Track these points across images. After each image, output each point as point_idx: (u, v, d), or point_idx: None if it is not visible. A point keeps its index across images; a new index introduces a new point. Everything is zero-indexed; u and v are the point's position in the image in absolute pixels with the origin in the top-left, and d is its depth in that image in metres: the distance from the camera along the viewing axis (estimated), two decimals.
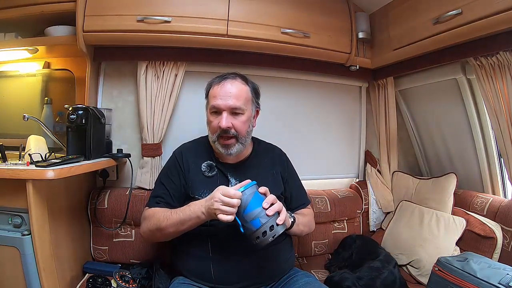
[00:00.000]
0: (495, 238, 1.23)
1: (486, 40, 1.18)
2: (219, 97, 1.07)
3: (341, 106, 1.87)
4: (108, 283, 1.18)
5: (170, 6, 1.34)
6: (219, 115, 1.07)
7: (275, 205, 0.91)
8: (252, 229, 0.89)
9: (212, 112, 1.09)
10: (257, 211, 0.89)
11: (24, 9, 1.31)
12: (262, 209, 0.89)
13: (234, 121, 1.07)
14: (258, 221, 0.88)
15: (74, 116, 1.16)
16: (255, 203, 0.90)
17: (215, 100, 1.07)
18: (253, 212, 0.89)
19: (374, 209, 1.76)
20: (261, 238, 0.88)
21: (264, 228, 0.88)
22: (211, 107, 1.08)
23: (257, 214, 0.89)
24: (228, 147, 1.08)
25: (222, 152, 1.09)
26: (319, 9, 1.53)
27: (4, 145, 1.16)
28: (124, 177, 1.52)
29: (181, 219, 0.97)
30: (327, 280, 1.27)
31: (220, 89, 1.08)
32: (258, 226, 0.88)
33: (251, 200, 0.90)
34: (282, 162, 1.27)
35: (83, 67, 1.41)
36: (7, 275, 1.00)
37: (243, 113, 1.08)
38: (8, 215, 1.00)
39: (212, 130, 1.09)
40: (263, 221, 0.88)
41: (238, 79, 1.11)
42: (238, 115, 1.08)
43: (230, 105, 1.06)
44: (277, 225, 0.89)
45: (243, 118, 1.09)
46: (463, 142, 1.59)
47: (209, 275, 1.01)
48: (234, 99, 1.06)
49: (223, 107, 1.06)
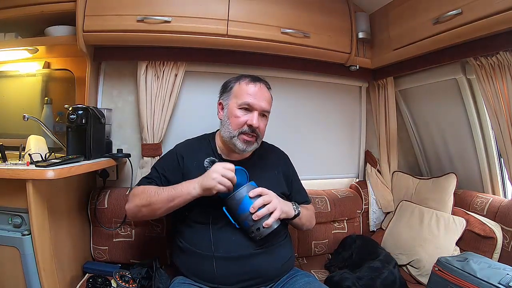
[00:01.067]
0: (495, 238, 1.24)
1: (486, 40, 1.18)
2: (255, 96, 1.11)
3: (341, 106, 1.87)
4: (108, 283, 1.17)
5: (170, 6, 1.34)
6: (249, 112, 1.11)
7: (263, 210, 0.98)
8: (243, 226, 1.01)
9: (241, 108, 1.11)
10: (245, 215, 0.99)
11: (24, 9, 1.31)
12: (249, 213, 0.98)
13: (261, 122, 1.13)
14: (247, 223, 1.00)
15: (74, 116, 1.16)
16: (244, 207, 0.99)
17: (250, 98, 1.10)
18: (242, 215, 1.00)
19: (374, 209, 1.76)
20: (252, 236, 1.01)
21: (252, 229, 1.00)
22: (244, 103, 1.10)
23: (245, 217, 0.99)
24: (249, 144, 1.12)
25: (240, 147, 1.11)
26: (319, 9, 1.53)
27: (4, 145, 1.16)
28: (124, 177, 1.52)
29: (171, 195, 1.00)
30: (327, 280, 1.27)
31: (256, 89, 1.12)
32: (247, 226, 1.00)
33: (241, 204, 0.99)
34: (284, 162, 1.30)
35: (83, 67, 1.41)
36: (7, 275, 1.00)
37: (267, 118, 1.17)
38: (8, 215, 1.00)
39: (237, 125, 1.10)
40: (250, 224, 0.99)
41: (266, 85, 1.18)
42: (264, 118, 1.15)
43: (263, 107, 1.12)
44: (263, 228, 0.98)
45: (266, 122, 1.17)
46: (463, 142, 1.59)
47: (212, 274, 1.01)
48: (267, 102, 1.14)
49: (257, 107, 1.11)
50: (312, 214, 1.30)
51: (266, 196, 1.01)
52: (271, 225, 0.99)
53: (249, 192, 1.00)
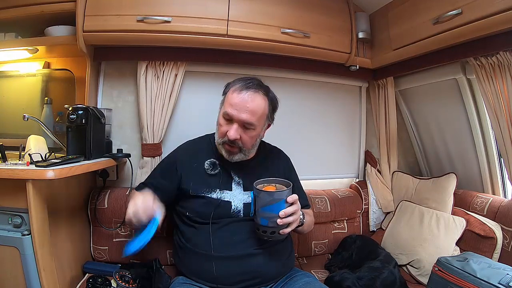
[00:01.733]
0: (495, 238, 1.24)
1: (486, 40, 1.18)
2: (235, 107, 1.03)
3: (341, 106, 1.87)
4: (108, 283, 1.17)
5: (170, 6, 1.34)
6: (230, 123, 1.05)
7: (290, 217, 0.96)
8: (258, 222, 0.98)
9: (224, 117, 1.07)
10: (271, 215, 0.95)
11: (24, 9, 1.31)
12: (277, 215, 0.94)
13: (243, 134, 1.05)
14: (266, 222, 0.96)
15: (74, 116, 1.16)
16: (275, 208, 0.94)
17: (230, 108, 1.04)
18: (268, 214, 0.95)
19: (374, 209, 1.76)
20: (259, 232, 0.99)
21: (266, 229, 0.97)
22: (224, 113, 1.06)
23: (269, 217, 0.95)
24: (231, 153, 1.09)
25: (225, 155, 1.10)
26: (319, 9, 1.53)
27: (4, 145, 1.16)
28: (124, 177, 1.52)
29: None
30: (327, 280, 1.27)
31: (238, 99, 1.04)
32: (263, 224, 0.97)
33: (274, 204, 0.94)
34: (286, 165, 1.29)
35: (83, 67, 1.41)
36: (7, 275, 0.99)
37: (254, 129, 1.07)
38: (8, 215, 0.99)
39: (220, 134, 1.09)
40: (270, 225, 0.96)
41: (260, 92, 1.07)
42: (248, 129, 1.06)
43: (243, 119, 1.03)
44: (278, 234, 0.97)
45: (253, 133, 1.07)
46: (463, 142, 1.59)
47: (211, 274, 1.01)
48: (249, 114, 1.03)
49: (236, 119, 1.04)
50: (313, 219, 1.29)
51: (296, 206, 0.98)
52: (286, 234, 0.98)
53: (288, 196, 0.96)
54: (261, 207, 0.96)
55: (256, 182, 1.00)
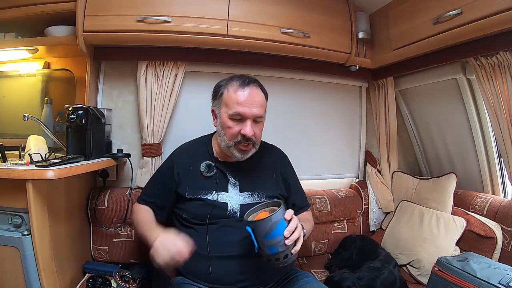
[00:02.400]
0: (495, 238, 1.24)
1: (486, 40, 1.18)
2: (245, 104, 1.02)
3: (341, 106, 1.87)
4: (108, 283, 1.18)
5: (170, 6, 1.34)
6: (241, 122, 1.04)
7: (295, 233, 0.88)
8: (267, 253, 0.89)
9: (232, 118, 1.04)
10: (277, 240, 0.86)
11: (24, 9, 1.31)
12: (282, 237, 0.86)
13: (255, 128, 1.06)
14: (276, 249, 0.87)
15: (74, 116, 1.16)
16: (278, 231, 0.86)
17: (240, 107, 1.02)
18: (274, 240, 0.87)
19: (374, 209, 1.76)
20: (273, 261, 0.89)
21: (279, 256, 0.88)
22: (235, 114, 1.03)
23: (276, 242, 0.87)
24: (246, 152, 1.08)
25: (237, 156, 1.08)
26: (319, 9, 1.53)
27: (4, 145, 1.16)
28: (124, 177, 1.52)
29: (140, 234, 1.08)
30: (327, 280, 1.27)
31: (245, 96, 1.03)
32: (274, 252, 0.88)
33: (275, 228, 0.86)
34: (283, 163, 1.27)
35: (83, 67, 1.41)
36: (7, 275, 0.99)
37: (262, 121, 1.09)
38: (8, 215, 0.99)
39: (231, 136, 1.05)
40: (280, 249, 0.87)
41: (258, 86, 1.09)
42: (258, 123, 1.08)
43: (256, 114, 1.04)
44: (291, 254, 0.89)
45: (262, 125, 1.10)
46: (463, 142, 1.59)
47: (207, 274, 1.01)
48: (259, 107, 1.05)
49: (249, 115, 1.03)
50: (312, 224, 1.24)
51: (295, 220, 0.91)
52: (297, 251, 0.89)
53: (284, 214, 0.89)
54: (263, 237, 0.87)
55: (246, 216, 0.94)
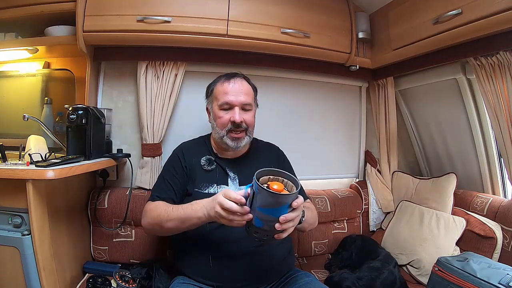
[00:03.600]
0: (495, 238, 1.24)
1: (486, 40, 1.18)
2: (231, 93, 1.12)
3: (341, 106, 1.87)
4: (108, 283, 1.17)
5: (170, 6, 1.34)
6: (230, 110, 1.12)
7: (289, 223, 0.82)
8: (252, 222, 0.82)
9: (222, 108, 1.13)
10: (270, 218, 0.80)
11: (24, 9, 1.31)
12: (276, 219, 0.79)
13: (245, 115, 1.13)
14: (262, 224, 0.81)
15: (74, 116, 1.16)
16: (276, 211, 0.79)
17: (227, 97, 1.12)
18: (267, 216, 0.80)
19: (374, 209, 1.76)
20: (251, 232, 0.83)
21: (259, 231, 0.82)
22: (223, 103, 1.12)
23: (267, 220, 0.80)
24: (238, 140, 1.13)
25: (231, 145, 1.12)
26: (319, 9, 1.53)
27: (4, 145, 1.16)
28: (124, 177, 1.52)
29: (181, 217, 0.95)
30: (327, 280, 1.27)
31: (232, 86, 1.13)
32: (258, 225, 0.81)
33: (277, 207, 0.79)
34: (279, 158, 1.30)
35: (83, 67, 1.41)
36: (7, 275, 1.00)
37: (251, 109, 1.16)
38: (8, 215, 1.00)
39: (222, 125, 1.12)
40: (265, 227, 0.81)
41: (244, 79, 1.19)
42: (247, 111, 1.15)
43: (242, 101, 1.12)
44: (272, 238, 0.83)
45: (252, 113, 1.17)
46: (463, 142, 1.59)
47: (209, 273, 1.01)
48: (245, 95, 1.14)
49: (236, 103, 1.11)
50: (315, 214, 1.23)
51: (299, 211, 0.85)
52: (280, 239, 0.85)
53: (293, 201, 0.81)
54: (260, 206, 0.79)
55: (259, 173, 0.82)
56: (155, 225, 1.02)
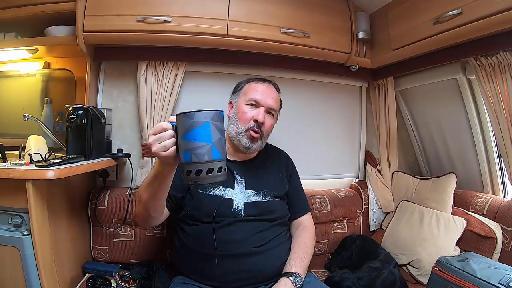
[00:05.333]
0: (495, 238, 1.23)
1: (486, 40, 1.18)
2: (262, 93, 1.15)
3: (341, 106, 1.87)
4: (108, 283, 1.17)
5: (170, 6, 1.34)
6: (256, 108, 1.14)
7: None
8: (181, 160, 0.70)
9: (249, 104, 1.14)
10: (194, 145, 0.67)
11: (24, 9, 1.31)
12: (202, 144, 0.67)
13: (266, 119, 1.15)
14: (189, 156, 0.68)
15: (74, 116, 1.16)
16: (196, 134, 0.67)
17: (257, 94, 1.15)
18: (190, 143, 0.67)
19: (374, 209, 1.76)
20: (185, 176, 0.70)
21: (190, 167, 0.68)
22: (251, 99, 1.14)
23: (192, 148, 0.67)
24: (253, 140, 1.13)
25: (245, 144, 1.12)
26: (319, 9, 1.53)
27: (4, 145, 1.16)
28: (124, 177, 1.52)
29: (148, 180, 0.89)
30: (327, 280, 1.27)
31: (264, 88, 1.17)
32: (186, 160, 0.69)
33: (197, 127, 0.67)
34: (288, 165, 1.30)
35: (83, 67, 1.41)
36: (7, 275, 0.99)
37: (273, 117, 1.19)
38: (8, 215, 0.99)
39: (245, 120, 1.13)
40: (194, 159, 0.67)
41: (275, 87, 1.22)
42: (270, 116, 1.17)
43: (269, 104, 1.15)
44: (207, 172, 0.68)
45: (272, 121, 1.19)
46: (463, 142, 1.59)
47: (213, 272, 1.01)
48: (274, 101, 1.17)
49: (263, 103, 1.14)
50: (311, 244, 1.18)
51: None
52: (221, 176, 0.70)
53: (214, 119, 0.69)
54: (182, 136, 0.68)
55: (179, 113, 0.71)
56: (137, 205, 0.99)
